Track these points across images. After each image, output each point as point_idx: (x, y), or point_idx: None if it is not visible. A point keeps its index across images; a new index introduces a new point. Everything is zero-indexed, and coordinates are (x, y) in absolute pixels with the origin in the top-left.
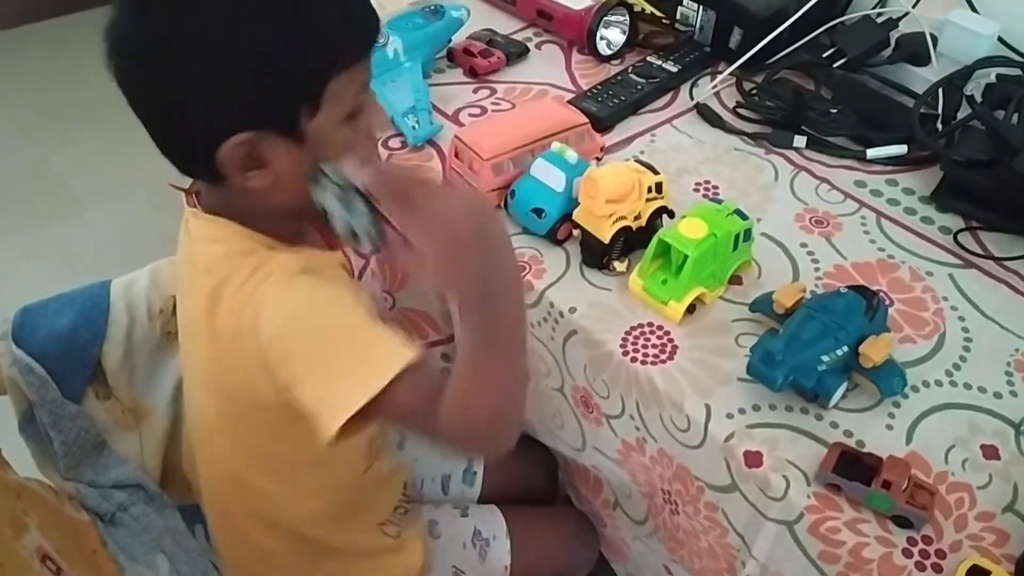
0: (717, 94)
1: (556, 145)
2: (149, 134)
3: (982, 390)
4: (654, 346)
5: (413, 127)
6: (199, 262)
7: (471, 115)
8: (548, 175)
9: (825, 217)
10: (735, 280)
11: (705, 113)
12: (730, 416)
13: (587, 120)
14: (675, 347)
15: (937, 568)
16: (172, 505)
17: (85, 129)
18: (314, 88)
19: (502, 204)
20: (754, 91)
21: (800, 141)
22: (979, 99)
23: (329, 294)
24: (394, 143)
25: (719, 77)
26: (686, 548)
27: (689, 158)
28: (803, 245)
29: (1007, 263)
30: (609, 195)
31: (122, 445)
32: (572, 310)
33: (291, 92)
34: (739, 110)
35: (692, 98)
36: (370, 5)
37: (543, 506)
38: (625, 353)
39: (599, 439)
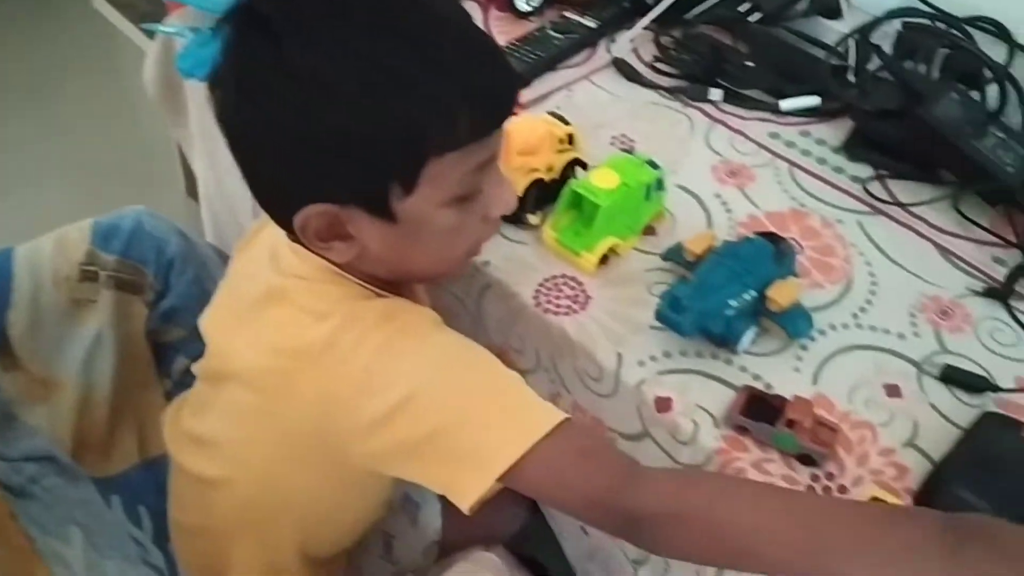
0: (635, 49)
1: None
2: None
3: (886, 332)
4: (567, 297)
5: None
6: (300, 299)
7: None
8: None
9: (739, 168)
10: (649, 231)
11: (622, 68)
12: (641, 363)
13: None
14: (588, 298)
15: None
16: (86, 477)
17: (8, 110)
18: (407, 169)
19: None
20: (672, 46)
21: (716, 95)
22: (889, 50)
23: (474, 349)
24: None
25: (634, 30)
26: None
27: (606, 113)
28: (717, 196)
29: (914, 209)
30: (520, 148)
31: (31, 417)
32: (486, 264)
33: (377, 171)
34: (656, 64)
35: (610, 53)
36: (506, 75)
37: None
38: (538, 304)
39: None
